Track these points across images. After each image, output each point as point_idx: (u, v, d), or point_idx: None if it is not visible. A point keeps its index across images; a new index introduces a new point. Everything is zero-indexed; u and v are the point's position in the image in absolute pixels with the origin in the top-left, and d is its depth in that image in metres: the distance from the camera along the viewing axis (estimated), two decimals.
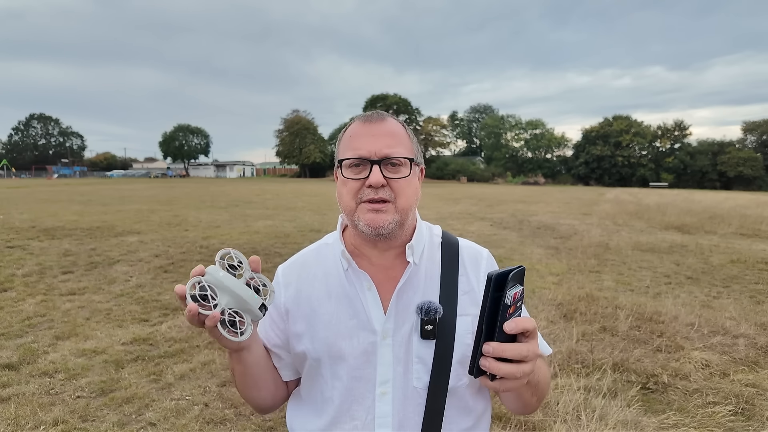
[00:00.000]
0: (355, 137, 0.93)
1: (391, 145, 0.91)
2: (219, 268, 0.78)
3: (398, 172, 0.91)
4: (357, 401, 0.93)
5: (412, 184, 0.93)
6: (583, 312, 4.93)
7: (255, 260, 0.84)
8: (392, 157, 0.90)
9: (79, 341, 4.02)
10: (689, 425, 2.87)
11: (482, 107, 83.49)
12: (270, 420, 2.90)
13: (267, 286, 0.85)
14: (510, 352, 0.68)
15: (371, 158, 0.90)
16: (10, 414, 2.86)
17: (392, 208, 0.91)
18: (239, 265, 0.82)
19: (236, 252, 0.82)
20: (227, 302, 0.78)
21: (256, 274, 0.84)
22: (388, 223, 0.90)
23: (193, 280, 0.77)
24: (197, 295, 0.76)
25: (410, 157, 0.93)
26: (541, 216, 15.20)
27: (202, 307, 0.75)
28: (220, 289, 0.77)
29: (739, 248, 9.21)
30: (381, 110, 0.99)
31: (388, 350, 0.92)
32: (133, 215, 13.45)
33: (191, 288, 0.76)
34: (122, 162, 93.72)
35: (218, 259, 0.80)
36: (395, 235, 0.94)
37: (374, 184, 0.89)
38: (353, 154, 0.91)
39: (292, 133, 70.44)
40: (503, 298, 0.66)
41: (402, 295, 0.94)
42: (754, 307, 5.27)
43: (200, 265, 0.78)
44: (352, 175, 0.92)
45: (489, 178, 62.51)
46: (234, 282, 0.78)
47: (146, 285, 5.82)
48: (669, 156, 57.32)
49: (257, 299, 0.80)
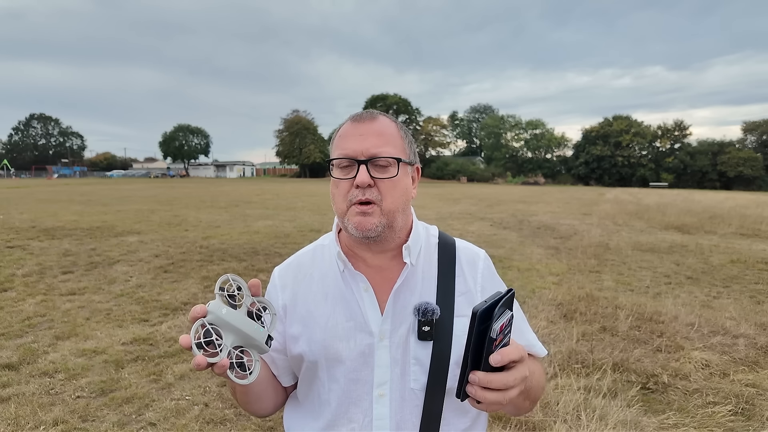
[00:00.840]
0: (344, 137, 0.93)
1: (378, 145, 0.90)
2: (221, 304, 0.76)
3: (385, 172, 0.90)
4: (354, 403, 0.92)
5: (399, 184, 0.92)
6: (583, 312, 4.93)
7: (255, 284, 0.81)
8: (379, 156, 0.90)
9: (79, 341, 4.02)
10: (689, 425, 2.87)
11: (482, 107, 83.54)
12: (270, 420, 2.90)
13: (269, 309, 0.83)
14: (496, 383, 0.68)
15: (358, 158, 0.89)
16: (10, 414, 2.86)
17: (378, 210, 0.90)
18: (238, 290, 0.79)
19: (234, 277, 0.80)
20: (233, 341, 0.76)
21: (257, 298, 0.82)
22: (374, 225, 0.89)
23: (196, 324, 0.74)
24: (202, 342, 0.73)
25: (398, 157, 0.91)
26: (541, 216, 15.20)
27: (208, 355, 0.72)
28: (224, 328, 0.75)
29: (739, 248, 9.21)
30: (376, 110, 0.98)
31: (386, 352, 0.91)
32: (133, 215, 13.45)
33: (195, 334, 0.73)
34: (122, 162, 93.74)
35: (218, 290, 0.77)
36: (385, 238, 0.93)
37: (360, 183, 0.88)
38: (341, 153, 0.91)
39: (292, 133, 70.46)
40: (488, 332, 0.66)
41: (399, 297, 0.93)
42: (754, 307, 5.27)
43: (201, 305, 0.75)
44: (341, 175, 0.91)
45: (489, 178, 62.52)
46: (238, 318, 0.76)
47: (146, 285, 5.82)
48: (669, 156, 57.33)
49: (262, 333, 0.78)
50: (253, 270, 6.71)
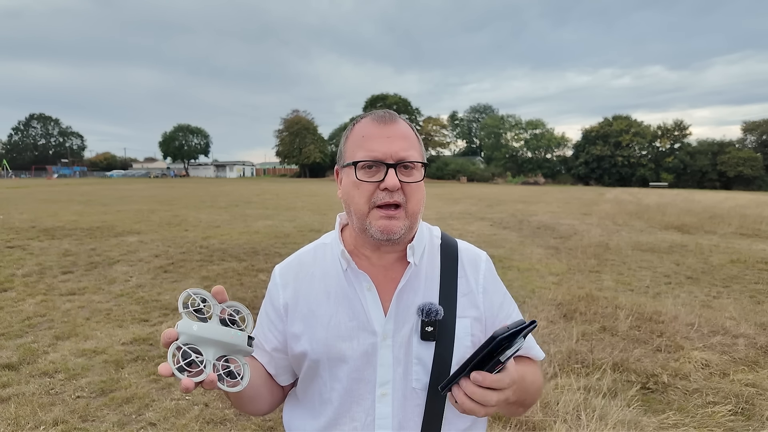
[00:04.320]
0: (369, 138, 0.91)
1: (406, 149, 0.90)
2: (189, 322, 0.73)
3: (411, 176, 0.90)
4: (356, 402, 0.92)
5: (422, 188, 0.93)
6: (583, 312, 4.93)
7: (218, 291, 0.79)
8: (408, 161, 0.89)
9: (79, 341, 4.02)
10: (689, 425, 2.88)
11: (482, 107, 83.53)
12: (270, 420, 2.90)
13: (240, 311, 0.80)
14: (479, 397, 0.74)
15: (387, 161, 0.88)
16: (10, 414, 2.86)
17: (403, 213, 0.90)
18: (203, 302, 0.76)
19: (196, 290, 0.77)
20: (214, 353, 0.74)
21: (224, 304, 0.79)
22: (399, 229, 0.90)
23: (171, 348, 0.71)
24: (183, 365, 0.70)
25: (424, 162, 0.93)
26: (541, 216, 15.20)
27: (193, 375, 0.70)
28: (201, 343, 0.72)
29: (739, 248, 9.22)
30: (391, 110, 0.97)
31: (388, 351, 0.92)
32: (133, 215, 13.45)
33: (173, 359, 0.70)
34: (122, 162, 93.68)
35: (182, 309, 0.74)
36: (403, 240, 0.93)
37: (391, 187, 0.87)
38: (367, 155, 0.89)
39: (292, 133, 70.44)
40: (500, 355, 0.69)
41: (402, 296, 0.94)
42: (754, 307, 5.27)
43: (169, 329, 0.73)
44: (366, 177, 0.89)
45: (489, 178, 62.50)
46: (211, 330, 0.73)
47: (146, 285, 5.82)
48: (669, 156, 57.32)
49: (241, 336, 0.76)
50: (253, 270, 6.71)
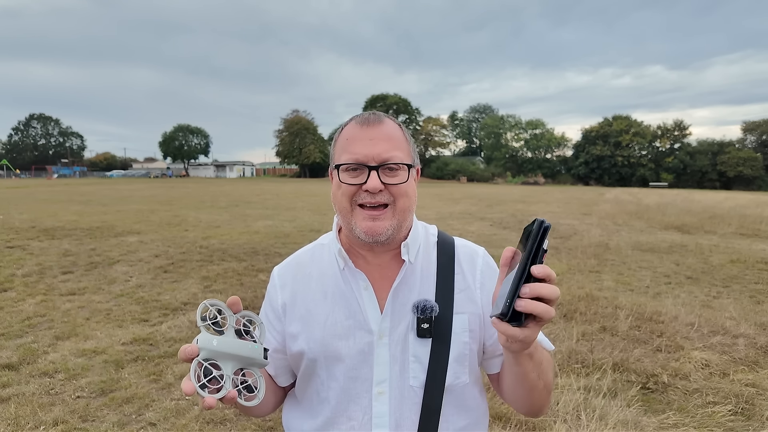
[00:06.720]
0: (352, 140, 0.91)
1: (389, 150, 0.90)
2: (209, 336, 0.74)
3: (396, 177, 0.90)
4: (354, 401, 0.93)
5: (409, 188, 0.92)
6: (583, 312, 4.93)
7: (234, 302, 0.79)
8: (391, 162, 0.89)
9: (79, 341, 4.02)
10: (689, 425, 2.88)
11: (482, 107, 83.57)
12: (270, 420, 2.90)
13: (254, 321, 0.81)
14: (546, 291, 0.67)
15: (369, 163, 0.88)
16: (10, 414, 2.86)
17: (390, 212, 0.90)
18: (219, 313, 0.77)
19: (212, 301, 0.77)
20: (232, 367, 0.75)
21: (239, 314, 0.80)
22: (385, 230, 0.89)
23: (193, 365, 0.72)
24: (205, 383, 0.71)
25: (408, 163, 0.92)
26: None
27: (212, 391, 0.71)
28: (221, 359, 0.74)
29: (739, 248, 9.21)
30: (378, 111, 0.98)
31: (385, 350, 0.92)
32: (133, 215, 13.45)
33: (195, 376, 0.71)
34: (122, 162, 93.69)
35: (200, 322, 0.75)
36: (392, 239, 0.93)
37: (372, 189, 0.88)
38: (350, 158, 0.89)
39: (292, 133, 70.46)
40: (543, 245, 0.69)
41: (398, 294, 0.94)
42: (754, 307, 5.27)
43: (189, 345, 0.72)
44: (349, 180, 0.90)
45: (489, 178, 62.53)
46: (230, 344, 0.75)
47: (146, 285, 5.82)
48: (669, 156, 57.36)
49: (258, 349, 0.78)
50: (253, 270, 6.71)
